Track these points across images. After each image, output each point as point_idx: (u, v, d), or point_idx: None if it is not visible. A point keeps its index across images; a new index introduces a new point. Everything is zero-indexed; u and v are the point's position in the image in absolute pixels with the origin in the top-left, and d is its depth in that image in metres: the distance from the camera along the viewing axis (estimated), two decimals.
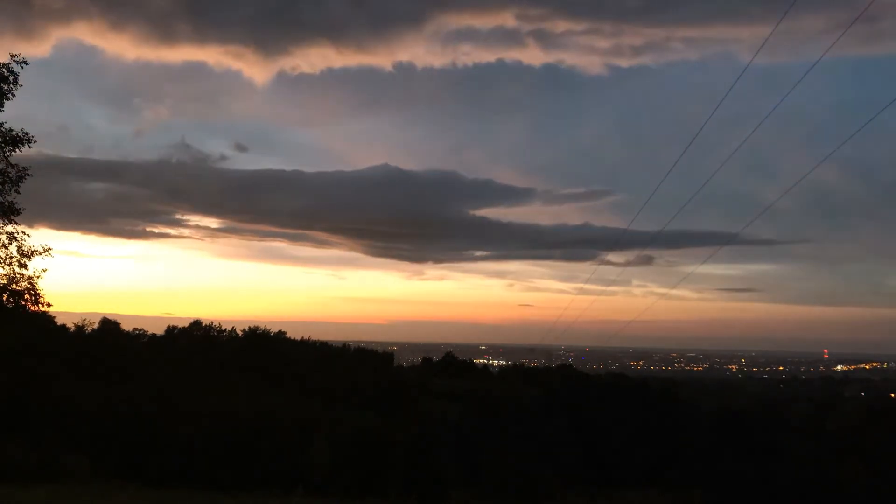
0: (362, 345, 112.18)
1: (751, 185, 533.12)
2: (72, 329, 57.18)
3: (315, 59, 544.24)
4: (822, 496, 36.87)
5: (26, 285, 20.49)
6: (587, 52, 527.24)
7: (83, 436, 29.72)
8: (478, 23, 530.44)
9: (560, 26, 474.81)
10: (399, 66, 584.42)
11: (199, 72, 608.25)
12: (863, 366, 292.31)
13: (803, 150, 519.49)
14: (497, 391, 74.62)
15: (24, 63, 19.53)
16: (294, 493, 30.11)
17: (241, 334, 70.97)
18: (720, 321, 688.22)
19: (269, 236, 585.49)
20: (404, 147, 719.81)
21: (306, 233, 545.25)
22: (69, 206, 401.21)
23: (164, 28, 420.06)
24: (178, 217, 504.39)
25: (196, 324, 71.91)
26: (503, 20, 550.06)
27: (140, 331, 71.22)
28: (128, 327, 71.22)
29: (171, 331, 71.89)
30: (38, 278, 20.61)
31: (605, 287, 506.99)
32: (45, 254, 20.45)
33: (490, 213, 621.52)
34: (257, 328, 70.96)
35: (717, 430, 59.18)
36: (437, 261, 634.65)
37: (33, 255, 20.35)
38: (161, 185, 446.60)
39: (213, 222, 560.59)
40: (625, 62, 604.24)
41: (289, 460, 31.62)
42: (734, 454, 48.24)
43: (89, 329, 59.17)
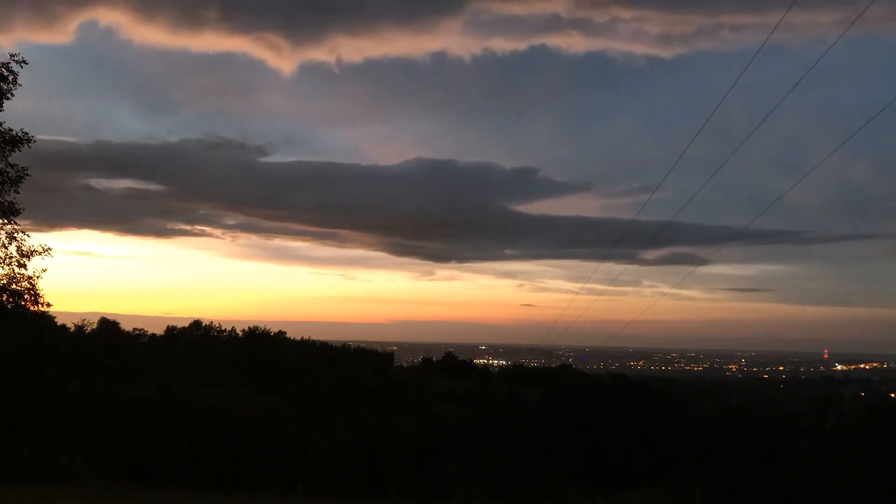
0: (363, 345, 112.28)
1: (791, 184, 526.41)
2: (72, 329, 57.22)
3: (345, 48, 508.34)
4: (822, 496, 36.86)
5: (26, 285, 20.46)
6: (632, 41, 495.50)
7: (83, 436, 29.72)
8: (515, 10, 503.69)
9: (605, 14, 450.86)
10: (433, 55, 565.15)
11: (225, 61, 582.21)
12: (863, 366, 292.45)
13: (834, 146, 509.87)
14: (497, 391, 74.68)
15: (24, 62, 19.52)
16: (294, 493, 30.16)
17: (240, 334, 71.05)
18: (729, 321, 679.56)
19: (293, 234, 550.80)
20: (435, 139, 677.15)
21: (333, 231, 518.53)
22: (86, 202, 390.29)
23: (190, 15, 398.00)
24: (201, 213, 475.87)
25: (196, 324, 71.92)
26: (542, 7, 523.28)
27: (140, 331, 71.26)
28: (129, 327, 71.42)
29: (170, 331, 71.89)
30: (37, 278, 20.58)
31: (615, 287, 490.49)
32: (45, 254, 20.43)
33: (528, 208, 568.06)
34: (257, 328, 71.02)
35: (717, 430, 59.17)
36: (461, 259, 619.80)
37: (33, 255, 20.33)
38: (183, 180, 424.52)
39: (235, 219, 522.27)
40: (670, 51, 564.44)
41: (289, 460, 31.62)
42: (734, 454, 48.19)
43: (89, 329, 59.22)
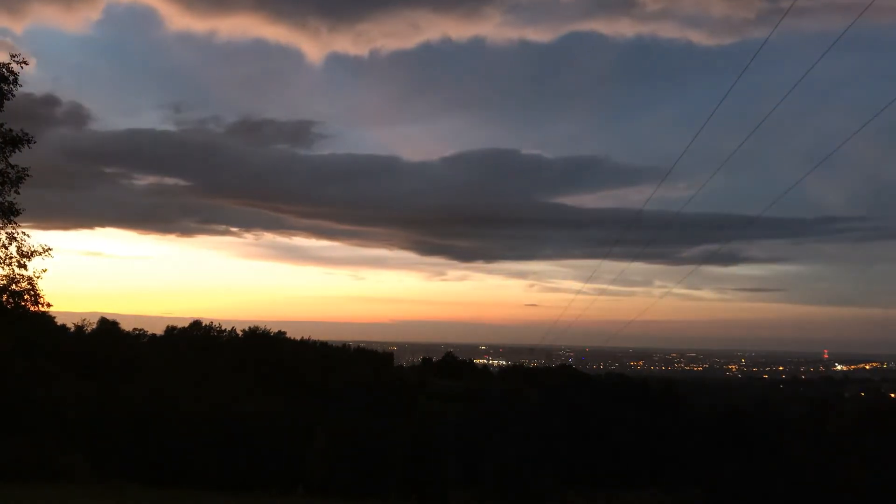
0: (363, 345, 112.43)
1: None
2: (71, 329, 57.26)
3: (378, 38, 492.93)
4: (822, 496, 36.87)
5: (26, 286, 20.47)
6: (681, 25, 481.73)
7: (83, 436, 29.73)
8: None
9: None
10: (471, 42, 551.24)
11: (255, 48, 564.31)
12: (863, 366, 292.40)
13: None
14: (497, 391, 74.67)
15: (24, 63, 19.54)
16: (294, 493, 30.15)
17: (240, 334, 71.09)
18: (735, 322, 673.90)
19: (318, 233, 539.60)
20: (472, 130, 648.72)
21: (362, 229, 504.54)
22: (110, 198, 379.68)
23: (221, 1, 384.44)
24: (225, 209, 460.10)
25: (196, 324, 71.98)
26: None
27: (140, 331, 71.32)
28: (135, 327, 71.56)
29: (170, 331, 71.94)
30: (37, 278, 20.59)
31: (624, 287, 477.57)
32: (45, 254, 20.44)
33: (569, 200, 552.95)
34: (257, 328, 71.12)
35: (717, 430, 59.15)
36: (487, 259, 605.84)
37: (33, 255, 20.34)
38: (204, 173, 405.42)
39: (262, 215, 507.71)
40: (723, 38, 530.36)
41: (289, 460, 31.63)
42: (734, 454, 48.19)
43: (88, 329, 59.24)
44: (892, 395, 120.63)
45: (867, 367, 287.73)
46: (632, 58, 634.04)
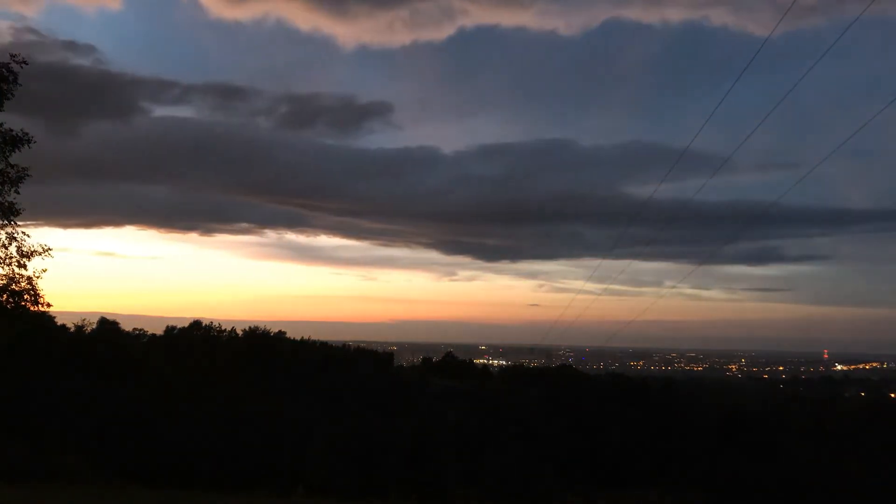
0: (363, 345, 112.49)
1: None
2: (71, 329, 57.24)
3: (418, 25, 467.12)
4: (822, 496, 36.88)
5: (26, 286, 20.44)
6: (738, 9, 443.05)
7: (83, 436, 29.74)
8: None
9: None
10: (515, 29, 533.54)
11: (278, 33, 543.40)
12: (862, 366, 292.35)
13: None
14: (497, 391, 74.67)
15: (24, 63, 19.50)
16: (294, 493, 30.10)
17: (240, 334, 71.09)
18: (739, 322, 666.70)
19: (351, 232, 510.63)
20: (507, 119, 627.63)
21: (394, 227, 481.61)
22: (131, 196, 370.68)
23: None
24: (254, 204, 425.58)
25: (196, 324, 71.96)
26: None
27: (140, 331, 71.34)
28: (137, 327, 71.64)
29: (170, 331, 71.92)
30: (37, 278, 20.57)
31: (634, 287, 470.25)
32: (45, 254, 20.42)
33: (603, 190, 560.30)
34: (257, 328, 71.13)
35: (717, 430, 59.17)
36: (512, 259, 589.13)
37: (33, 255, 20.31)
38: (229, 168, 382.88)
39: (284, 214, 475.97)
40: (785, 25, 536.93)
41: (289, 460, 31.64)
42: (734, 455, 48.22)
43: (88, 329, 59.24)
44: (893, 395, 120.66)
45: (867, 367, 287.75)
46: (676, 46, 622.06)
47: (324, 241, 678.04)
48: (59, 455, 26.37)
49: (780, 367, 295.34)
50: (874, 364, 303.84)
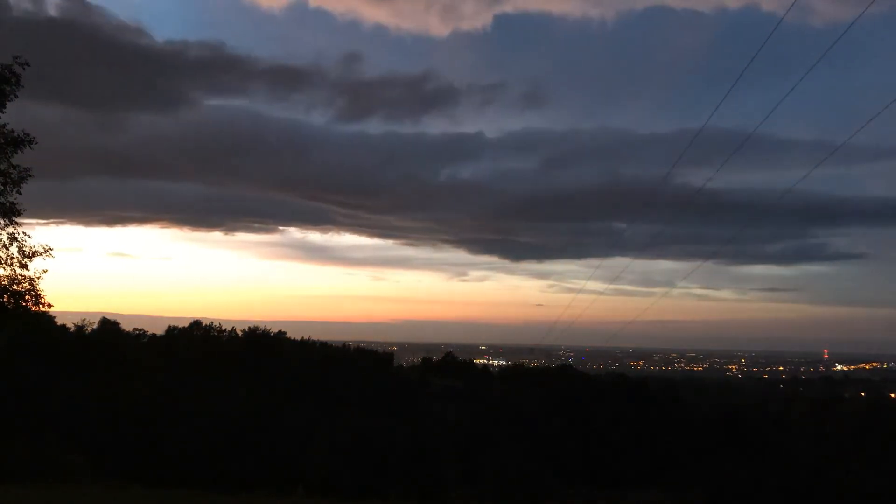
0: (363, 344, 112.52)
1: None
2: (72, 329, 57.26)
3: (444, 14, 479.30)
4: (822, 496, 36.90)
5: (27, 286, 20.48)
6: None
7: (83, 436, 29.78)
8: None
9: None
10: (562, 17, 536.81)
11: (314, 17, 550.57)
12: (863, 366, 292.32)
13: None
14: (497, 391, 74.75)
15: (26, 64, 19.52)
16: (294, 493, 30.15)
17: (240, 335, 71.08)
18: (743, 322, 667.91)
19: (377, 230, 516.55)
20: (545, 105, 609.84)
21: (415, 224, 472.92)
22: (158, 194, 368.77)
23: None
24: (278, 202, 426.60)
25: (196, 324, 71.97)
26: None
27: (140, 331, 71.31)
28: (135, 327, 71.60)
29: (171, 331, 71.93)
30: (38, 279, 20.60)
31: (645, 288, 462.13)
32: (46, 254, 20.45)
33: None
34: (256, 328, 71.08)
35: (717, 430, 59.19)
36: (539, 259, 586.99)
37: (34, 255, 20.34)
38: (259, 165, 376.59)
39: (317, 211, 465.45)
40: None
41: (289, 460, 31.67)
42: (734, 454, 48.24)
43: (89, 329, 59.25)
44: (893, 395, 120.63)
45: (867, 367, 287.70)
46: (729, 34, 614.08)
47: (339, 240, 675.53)
48: (60, 455, 26.43)
49: (781, 367, 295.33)
50: (874, 364, 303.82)
